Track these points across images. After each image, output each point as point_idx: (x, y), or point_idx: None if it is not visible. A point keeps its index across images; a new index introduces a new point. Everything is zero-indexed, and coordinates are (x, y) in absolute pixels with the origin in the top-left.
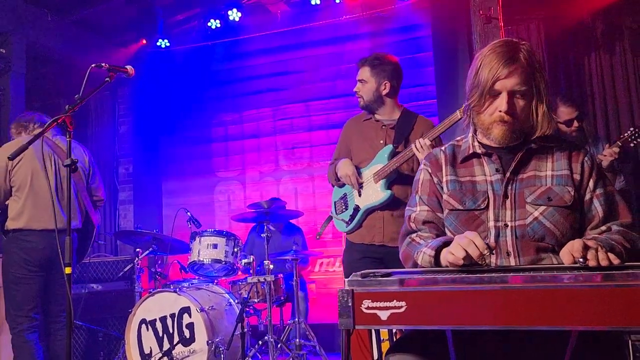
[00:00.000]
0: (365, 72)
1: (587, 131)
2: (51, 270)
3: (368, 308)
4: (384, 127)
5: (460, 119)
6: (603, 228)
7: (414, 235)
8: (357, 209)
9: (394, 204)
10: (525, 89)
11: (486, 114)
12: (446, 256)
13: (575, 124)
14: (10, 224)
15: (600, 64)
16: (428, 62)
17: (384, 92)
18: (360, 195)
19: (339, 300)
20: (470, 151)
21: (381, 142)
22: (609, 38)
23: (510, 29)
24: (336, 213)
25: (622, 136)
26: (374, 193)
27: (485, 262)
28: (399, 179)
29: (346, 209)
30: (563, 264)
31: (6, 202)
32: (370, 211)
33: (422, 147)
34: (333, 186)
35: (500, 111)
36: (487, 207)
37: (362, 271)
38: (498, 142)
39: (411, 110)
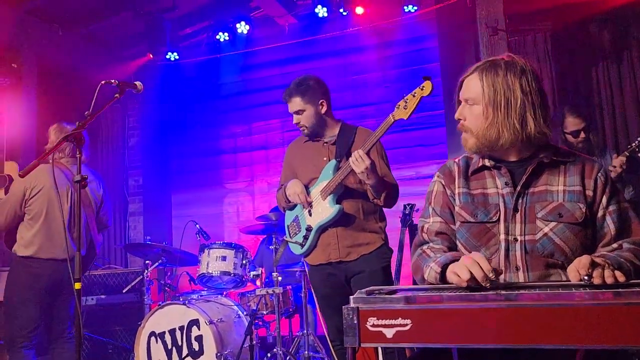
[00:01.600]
0: (297, 103)
1: (595, 143)
2: (56, 295)
3: (373, 326)
4: (325, 144)
5: (394, 122)
6: (615, 245)
7: (425, 247)
8: (309, 229)
9: (345, 219)
10: (472, 96)
11: None
12: (451, 277)
13: (582, 135)
14: (18, 250)
15: (608, 74)
16: (435, 73)
17: (323, 112)
18: (310, 214)
19: (344, 317)
20: (480, 164)
21: (324, 159)
22: (616, 48)
23: (517, 40)
24: (290, 237)
25: (629, 146)
26: (323, 210)
27: (488, 284)
28: (347, 193)
29: (299, 231)
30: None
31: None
32: (322, 229)
33: (358, 158)
34: (284, 210)
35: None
36: (499, 220)
37: (367, 288)
38: (470, 152)
39: (350, 123)
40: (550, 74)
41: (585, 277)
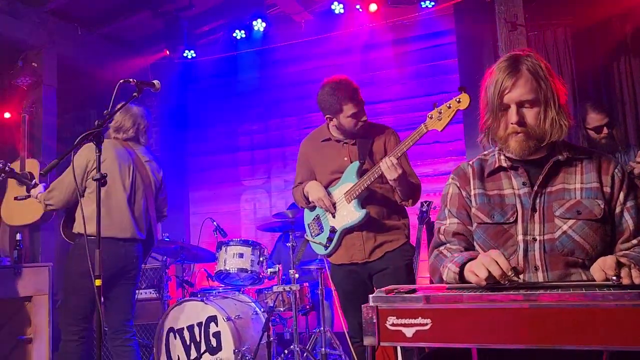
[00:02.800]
0: (361, 101)
1: (618, 139)
2: (115, 279)
3: (393, 325)
4: (345, 144)
5: (426, 132)
6: (634, 242)
7: (442, 248)
8: (333, 230)
9: (370, 221)
10: (532, 97)
11: (501, 129)
12: (469, 276)
13: (605, 130)
14: (77, 228)
15: (630, 68)
16: (453, 70)
17: None
18: (334, 216)
19: (363, 316)
20: (497, 165)
21: (345, 159)
22: (639, 42)
23: (537, 35)
24: (312, 236)
25: None
26: (349, 213)
27: (507, 282)
28: (371, 196)
29: (322, 232)
30: (593, 280)
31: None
32: (347, 231)
33: (390, 167)
34: (303, 209)
35: (512, 123)
36: (516, 220)
37: (387, 287)
38: (517, 155)
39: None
40: (571, 69)
41: (614, 278)
